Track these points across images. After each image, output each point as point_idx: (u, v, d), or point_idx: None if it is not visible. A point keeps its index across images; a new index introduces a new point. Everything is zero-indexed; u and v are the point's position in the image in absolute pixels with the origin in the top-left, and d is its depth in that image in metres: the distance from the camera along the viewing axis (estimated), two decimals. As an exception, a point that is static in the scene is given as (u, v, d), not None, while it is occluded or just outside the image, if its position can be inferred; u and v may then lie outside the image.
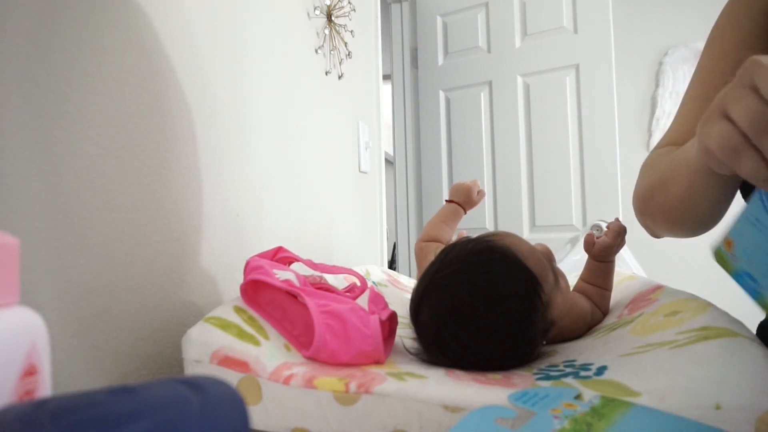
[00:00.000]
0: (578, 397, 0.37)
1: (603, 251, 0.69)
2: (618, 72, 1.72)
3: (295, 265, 0.66)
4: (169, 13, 0.63)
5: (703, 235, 0.55)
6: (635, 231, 0.65)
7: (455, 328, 0.51)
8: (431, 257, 0.61)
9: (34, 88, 0.45)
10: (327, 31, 1.14)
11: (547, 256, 0.59)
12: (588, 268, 0.72)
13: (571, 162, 1.76)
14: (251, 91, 0.82)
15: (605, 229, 0.71)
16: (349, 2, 1.22)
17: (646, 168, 0.60)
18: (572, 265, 1.55)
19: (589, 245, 0.71)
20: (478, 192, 0.89)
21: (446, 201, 0.89)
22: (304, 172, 1.01)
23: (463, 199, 0.88)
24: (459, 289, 0.52)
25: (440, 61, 2.06)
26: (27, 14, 0.44)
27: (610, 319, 0.67)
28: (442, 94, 2.05)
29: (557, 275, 0.58)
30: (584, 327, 0.67)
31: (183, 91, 0.65)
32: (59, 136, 0.47)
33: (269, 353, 0.50)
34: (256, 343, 0.51)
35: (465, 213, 0.88)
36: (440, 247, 0.68)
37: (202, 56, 0.70)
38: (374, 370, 0.49)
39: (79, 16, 0.49)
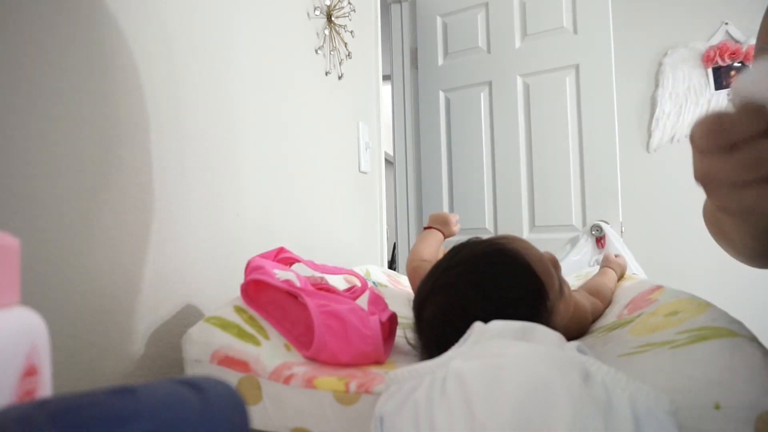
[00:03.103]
0: (578, 397, 0.37)
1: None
2: (618, 72, 1.72)
3: (296, 266, 0.66)
4: (169, 14, 0.63)
5: (704, 236, 0.55)
6: (635, 231, 0.65)
7: (460, 327, 0.51)
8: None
9: (34, 89, 0.45)
10: (327, 32, 1.14)
11: (554, 264, 0.59)
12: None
13: (570, 162, 1.76)
14: (251, 92, 0.82)
15: (605, 229, 0.72)
16: (349, 2, 1.22)
17: None
18: (572, 265, 1.55)
19: None
20: (454, 219, 0.94)
21: (425, 228, 0.94)
22: (304, 172, 1.01)
23: (443, 227, 0.92)
24: (466, 289, 0.52)
25: (440, 61, 2.06)
26: (26, 14, 0.44)
27: (609, 319, 0.67)
28: (442, 95, 2.05)
29: (562, 283, 0.58)
30: (585, 327, 0.67)
31: (183, 91, 0.65)
32: (59, 136, 0.47)
33: (269, 353, 0.50)
34: (257, 343, 0.51)
35: (445, 239, 0.93)
36: None
37: (201, 56, 0.70)
38: (374, 370, 0.49)
39: (77, 17, 0.49)
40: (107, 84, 0.53)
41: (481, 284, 0.52)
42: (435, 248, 0.90)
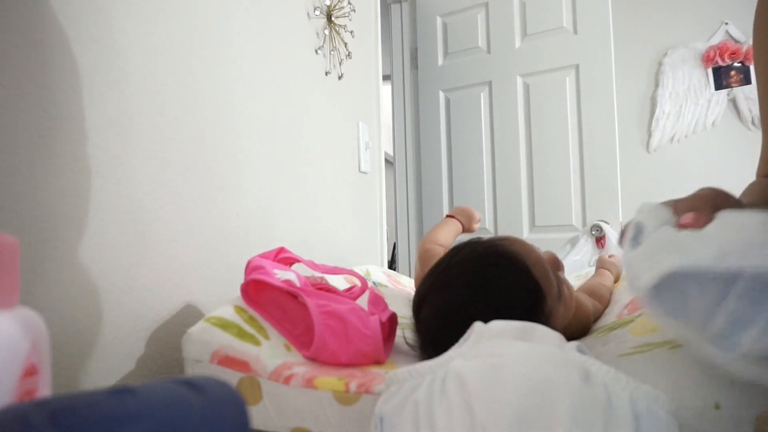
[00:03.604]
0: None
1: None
2: (618, 72, 1.72)
3: (296, 266, 0.66)
4: (170, 14, 0.63)
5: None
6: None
7: (456, 328, 0.51)
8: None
9: (34, 89, 0.45)
10: (327, 32, 1.14)
11: (555, 265, 0.58)
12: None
13: (570, 162, 1.76)
14: (251, 92, 0.82)
15: (605, 229, 0.73)
16: (349, 2, 1.22)
17: None
18: (572, 265, 1.55)
19: None
20: (478, 218, 0.97)
21: (447, 216, 0.94)
22: (304, 172, 1.01)
23: (465, 220, 0.94)
24: (463, 291, 0.52)
25: (440, 61, 2.06)
26: (26, 14, 0.44)
27: (609, 319, 0.67)
28: (442, 95, 2.05)
29: (561, 285, 0.57)
30: (586, 328, 0.67)
31: (183, 91, 0.65)
32: (59, 136, 0.47)
33: (269, 353, 0.50)
34: (257, 342, 0.51)
35: (462, 232, 0.94)
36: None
37: (201, 56, 0.70)
38: (374, 370, 0.49)
39: (77, 16, 0.49)
40: (108, 84, 0.53)
41: (478, 287, 0.52)
42: (451, 236, 0.90)
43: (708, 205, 0.34)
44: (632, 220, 0.37)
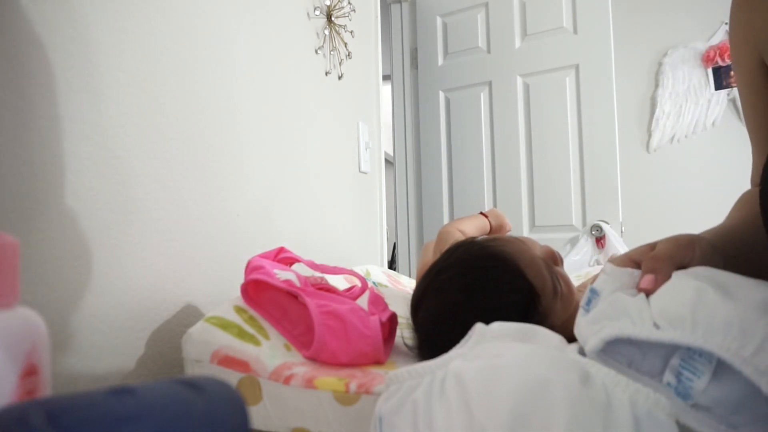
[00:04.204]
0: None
1: None
2: (618, 72, 1.72)
3: (296, 266, 0.66)
4: (169, 15, 0.63)
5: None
6: (635, 231, 0.65)
7: (449, 332, 0.51)
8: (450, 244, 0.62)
9: (33, 89, 0.45)
10: (327, 32, 1.14)
11: (553, 259, 0.58)
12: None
13: (570, 162, 1.76)
14: (251, 92, 0.82)
15: (605, 229, 0.71)
16: (349, 2, 1.22)
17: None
18: (572, 265, 1.55)
19: None
20: (509, 229, 0.95)
21: (480, 213, 0.93)
22: (305, 172, 1.01)
23: (495, 224, 0.92)
24: (456, 295, 0.53)
25: (440, 61, 2.06)
26: (27, 15, 0.44)
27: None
28: (442, 95, 2.05)
29: (557, 282, 0.56)
30: None
31: (183, 91, 0.65)
32: (59, 136, 0.47)
33: (269, 353, 0.50)
34: (257, 342, 0.51)
35: (488, 232, 0.93)
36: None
37: (201, 56, 0.70)
38: (374, 370, 0.49)
39: (78, 17, 0.49)
40: (108, 84, 0.53)
41: (470, 290, 0.52)
42: (475, 230, 0.88)
43: (667, 264, 0.37)
44: (590, 285, 0.40)
